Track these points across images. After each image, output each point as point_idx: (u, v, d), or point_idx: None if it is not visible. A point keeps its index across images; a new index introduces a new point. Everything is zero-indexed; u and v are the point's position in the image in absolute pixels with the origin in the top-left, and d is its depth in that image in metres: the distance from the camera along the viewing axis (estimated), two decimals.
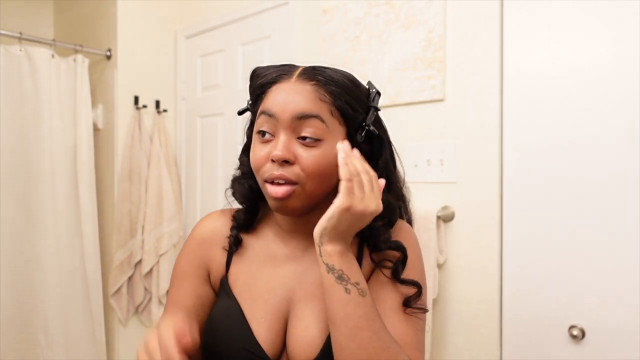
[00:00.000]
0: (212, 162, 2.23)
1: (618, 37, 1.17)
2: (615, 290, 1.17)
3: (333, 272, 0.63)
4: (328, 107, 0.68)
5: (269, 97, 0.69)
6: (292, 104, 0.66)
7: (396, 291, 0.70)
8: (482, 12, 1.38)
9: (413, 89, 1.51)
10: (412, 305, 0.69)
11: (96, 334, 2.10)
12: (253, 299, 0.73)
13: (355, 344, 0.60)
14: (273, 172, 0.66)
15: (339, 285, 0.63)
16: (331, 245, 0.64)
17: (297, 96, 0.67)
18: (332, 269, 0.63)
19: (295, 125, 0.67)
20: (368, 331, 0.61)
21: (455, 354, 1.44)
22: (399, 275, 0.70)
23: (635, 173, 1.14)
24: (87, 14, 2.36)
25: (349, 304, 0.62)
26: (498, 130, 1.36)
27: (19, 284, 1.96)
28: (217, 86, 2.21)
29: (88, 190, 2.09)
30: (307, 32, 1.83)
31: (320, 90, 0.68)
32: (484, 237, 1.38)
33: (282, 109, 0.67)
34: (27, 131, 1.97)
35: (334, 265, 0.63)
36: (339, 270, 0.63)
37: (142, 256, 2.15)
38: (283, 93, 0.68)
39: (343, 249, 0.65)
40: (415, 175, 1.51)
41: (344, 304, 0.62)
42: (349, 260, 0.65)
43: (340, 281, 0.63)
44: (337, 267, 0.63)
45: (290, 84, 0.69)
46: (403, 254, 0.71)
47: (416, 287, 0.70)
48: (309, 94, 0.67)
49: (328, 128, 0.67)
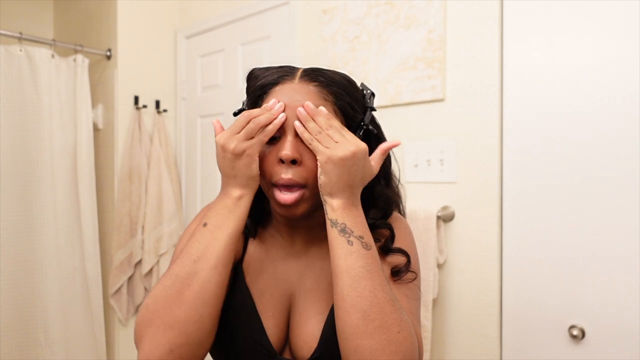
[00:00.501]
0: (212, 162, 2.23)
1: (618, 37, 1.17)
2: (615, 291, 1.17)
3: (336, 225, 0.64)
4: (331, 106, 0.69)
5: (272, 98, 0.69)
6: (298, 104, 0.67)
7: (385, 263, 0.71)
8: (482, 12, 1.38)
9: (413, 89, 1.51)
10: (401, 274, 0.70)
11: (96, 334, 2.10)
12: (261, 292, 0.74)
13: (357, 292, 0.60)
14: (282, 175, 0.66)
15: (342, 237, 0.63)
16: (332, 199, 0.64)
17: (302, 97, 0.67)
18: (334, 222, 0.64)
19: None
20: (370, 281, 0.61)
21: (455, 354, 1.44)
22: (388, 247, 0.72)
23: (635, 173, 1.14)
24: (87, 14, 2.36)
25: (351, 255, 0.62)
26: (498, 130, 1.36)
27: (19, 284, 1.96)
28: (217, 86, 2.21)
29: (88, 190, 2.09)
30: (307, 32, 1.83)
31: (323, 91, 0.69)
32: (484, 237, 1.38)
33: (287, 110, 0.67)
34: (27, 131, 1.97)
35: (337, 219, 0.64)
36: (342, 223, 0.63)
37: (142, 256, 2.15)
38: (288, 94, 0.68)
39: (346, 203, 0.65)
40: (415, 175, 1.51)
41: (346, 255, 0.62)
42: (352, 213, 0.65)
43: (342, 234, 0.63)
44: (340, 220, 0.64)
45: (293, 84, 0.69)
46: (390, 231, 0.73)
47: (405, 256, 0.71)
48: (313, 95, 0.68)
49: None
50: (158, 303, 0.61)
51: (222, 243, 0.64)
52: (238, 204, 0.66)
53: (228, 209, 0.66)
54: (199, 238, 0.65)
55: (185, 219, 2.33)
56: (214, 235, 0.64)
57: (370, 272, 0.61)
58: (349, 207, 0.65)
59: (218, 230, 0.65)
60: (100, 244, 2.18)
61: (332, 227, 0.64)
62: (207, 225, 0.65)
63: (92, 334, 2.10)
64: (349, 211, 0.64)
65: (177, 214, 2.23)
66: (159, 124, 2.28)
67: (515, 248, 1.33)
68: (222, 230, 0.65)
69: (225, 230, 0.65)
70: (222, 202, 0.67)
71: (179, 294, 0.61)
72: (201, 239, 0.64)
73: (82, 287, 2.09)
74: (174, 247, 2.19)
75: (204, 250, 0.63)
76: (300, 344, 0.70)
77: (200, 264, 0.62)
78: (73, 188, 2.08)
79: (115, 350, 2.20)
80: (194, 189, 2.32)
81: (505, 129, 1.35)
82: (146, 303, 0.63)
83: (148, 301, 0.63)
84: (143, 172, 2.18)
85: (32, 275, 1.98)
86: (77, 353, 2.06)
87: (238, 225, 0.66)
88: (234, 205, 0.66)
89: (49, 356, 1.98)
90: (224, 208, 0.66)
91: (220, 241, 0.64)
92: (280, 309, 0.73)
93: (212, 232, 0.64)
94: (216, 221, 0.65)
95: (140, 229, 2.16)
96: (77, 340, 2.06)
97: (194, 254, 0.63)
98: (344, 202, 0.64)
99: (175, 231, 2.21)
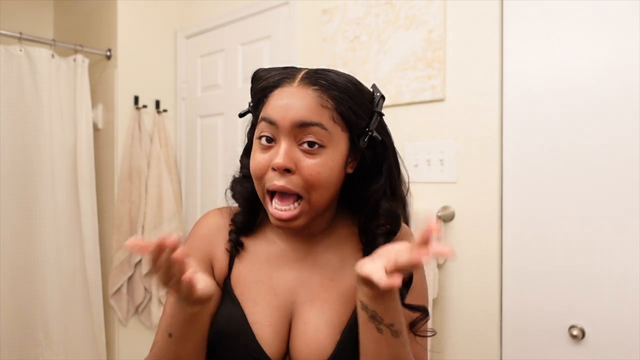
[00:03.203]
0: (212, 162, 2.23)
1: (618, 37, 1.17)
2: (615, 290, 1.17)
3: (367, 310, 0.62)
4: (330, 113, 0.66)
5: (270, 102, 0.68)
6: (293, 111, 0.65)
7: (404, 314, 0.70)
8: (482, 12, 1.38)
9: (413, 89, 1.51)
10: (417, 330, 0.70)
11: (96, 334, 2.10)
12: (255, 302, 0.72)
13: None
14: (274, 182, 0.65)
15: (371, 324, 0.62)
16: (366, 286, 0.61)
17: (299, 102, 0.65)
18: (365, 307, 0.62)
19: (296, 132, 0.65)
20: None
21: (455, 354, 1.44)
22: (404, 298, 0.70)
23: (635, 173, 1.14)
24: (87, 14, 2.36)
25: (380, 342, 0.62)
26: (498, 130, 1.36)
27: (19, 284, 1.96)
28: (217, 86, 2.21)
29: (88, 190, 2.09)
30: (307, 32, 1.83)
31: (322, 96, 0.66)
32: (484, 237, 1.38)
33: (283, 116, 0.65)
34: (27, 131, 1.97)
35: (367, 305, 0.62)
36: (372, 310, 0.61)
37: (142, 256, 2.15)
38: (284, 99, 0.66)
39: (378, 290, 0.61)
40: (415, 175, 1.51)
41: (375, 341, 0.62)
42: (384, 301, 0.61)
43: (373, 320, 0.62)
44: (371, 307, 0.61)
45: (292, 88, 0.67)
46: (409, 275, 0.71)
47: (422, 313, 0.71)
48: (311, 100, 0.65)
49: (330, 134, 0.66)
50: None
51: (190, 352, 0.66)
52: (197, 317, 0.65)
53: (188, 322, 0.64)
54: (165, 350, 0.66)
55: (185, 219, 2.33)
56: (180, 346, 0.66)
57: (396, 357, 0.63)
58: (380, 293, 0.61)
59: (184, 341, 0.66)
60: (100, 244, 2.18)
61: (362, 310, 0.62)
62: (172, 336, 0.66)
63: (92, 334, 2.10)
64: (379, 298, 0.61)
65: (177, 214, 2.23)
66: (159, 124, 2.28)
67: (515, 248, 1.33)
68: (188, 342, 0.66)
69: (190, 342, 0.66)
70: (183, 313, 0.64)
71: None
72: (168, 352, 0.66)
73: (82, 287, 2.09)
74: None
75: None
76: (307, 354, 0.68)
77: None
78: (73, 188, 2.08)
79: (115, 350, 2.20)
80: (194, 189, 2.32)
81: (505, 129, 1.35)
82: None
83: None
84: (143, 172, 2.18)
85: (32, 275, 1.98)
86: (77, 353, 2.06)
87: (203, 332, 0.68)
88: (193, 319, 0.65)
89: (49, 356, 1.98)
90: (185, 321, 0.64)
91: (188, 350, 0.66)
92: (279, 317, 0.71)
93: (178, 344, 0.65)
94: (180, 334, 0.65)
95: (140, 229, 2.16)
96: (77, 340, 2.06)
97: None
98: (377, 290, 0.60)
99: (175, 231, 2.20)
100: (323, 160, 0.66)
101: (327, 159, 0.66)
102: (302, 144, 0.66)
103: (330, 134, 0.66)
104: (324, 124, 0.65)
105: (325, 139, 0.66)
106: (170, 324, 0.65)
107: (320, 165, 0.65)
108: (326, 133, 0.66)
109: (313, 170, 0.65)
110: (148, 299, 2.21)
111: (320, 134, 0.65)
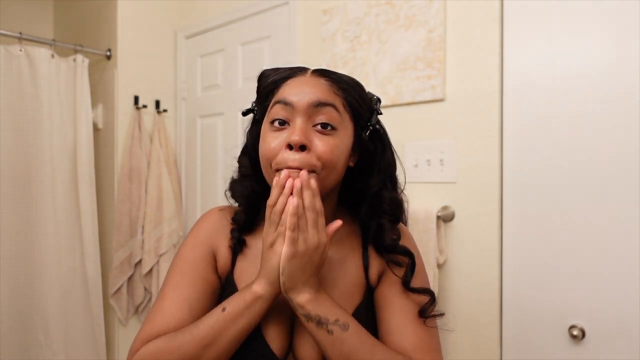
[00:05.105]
0: (212, 162, 2.23)
1: (618, 38, 1.17)
2: (615, 290, 1.17)
3: (311, 319, 0.64)
4: (341, 100, 0.70)
5: (284, 89, 0.71)
6: (309, 93, 0.68)
7: (411, 300, 0.72)
8: (482, 12, 1.38)
9: (413, 89, 1.51)
10: (428, 314, 0.71)
11: (96, 334, 2.10)
12: None
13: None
14: (289, 162, 0.66)
15: (321, 329, 0.64)
16: (298, 295, 0.65)
17: (314, 88, 0.69)
18: (308, 317, 0.64)
19: (312, 112, 0.68)
20: (363, 355, 0.63)
21: (455, 353, 1.44)
22: (409, 284, 0.72)
23: (635, 174, 1.14)
24: (87, 14, 2.36)
25: (335, 344, 0.64)
26: (498, 130, 1.36)
27: (19, 284, 1.96)
28: (217, 86, 2.21)
29: (88, 190, 2.09)
30: (307, 32, 1.83)
31: (333, 86, 0.71)
32: (484, 237, 1.38)
33: (299, 98, 0.68)
34: (27, 131, 1.97)
35: (309, 314, 0.64)
36: (316, 316, 0.64)
37: (142, 256, 2.15)
38: (299, 85, 0.70)
39: (312, 294, 0.65)
40: (415, 175, 1.51)
41: (331, 345, 0.64)
42: (321, 301, 0.65)
43: (320, 326, 0.64)
44: (313, 314, 0.64)
45: (305, 77, 0.71)
46: (411, 260, 0.73)
47: (429, 295, 0.72)
48: (324, 87, 0.70)
49: (341, 118, 0.70)
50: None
51: (235, 335, 0.65)
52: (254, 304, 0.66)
53: (246, 304, 0.66)
54: (212, 322, 0.66)
55: (185, 219, 2.33)
56: (228, 326, 0.65)
57: (358, 352, 0.63)
58: (315, 296, 0.65)
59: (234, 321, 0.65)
60: (100, 244, 2.18)
61: (308, 321, 0.64)
62: (225, 311, 0.66)
63: (92, 334, 2.10)
64: (316, 301, 0.64)
65: (177, 214, 2.23)
66: (159, 124, 2.28)
67: (515, 248, 1.33)
68: (237, 323, 0.65)
69: (239, 323, 0.66)
70: (242, 295, 0.67)
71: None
72: (215, 324, 0.65)
73: (82, 287, 2.09)
74: (174, 248, 2.20)
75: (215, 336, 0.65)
76: (307, 349, 0.69)
77: (208, 352, 0.64)
78: (73, 188, 2.08)
79: (115, 350, 2.20)
80: (194, 189, 2.32)
81: (506, 129, 1.35)
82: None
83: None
84: (143, 172, 2.18)
85: (32, 275, 1.98)
86: (77, 353, 2.06)
87: (254, 321, 0.67)
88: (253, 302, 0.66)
89: (49, 356, 1.98)
90: (243, 302, 0.66)
91: (234, 332, 0.65)
92: (282, 312, 0.71)
93: (228, 321, 0.65)
94: (234, 311, 0.66)
95: (140, 229, 2.16)
96: (77, 340, 2.06)
97: (204, 340, 0.65)
98: (309, 296, 0.64)
99: (175, 231, 2.21)
100: (335, 141, 0.69)
101: (339, 141, 0.69)
102: (316, 125, 0.68)
103: (341, 118, 0.70)
104: (337, 106, 0.69)
105: (337, 122, 0.69)
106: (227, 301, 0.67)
107: (333, 145, 0.68)
108: (338, 115, 0.69)
109: (327, 148, 0.67)
110: (148, 299, 2.21)
111: (333, 115, 0.69)
